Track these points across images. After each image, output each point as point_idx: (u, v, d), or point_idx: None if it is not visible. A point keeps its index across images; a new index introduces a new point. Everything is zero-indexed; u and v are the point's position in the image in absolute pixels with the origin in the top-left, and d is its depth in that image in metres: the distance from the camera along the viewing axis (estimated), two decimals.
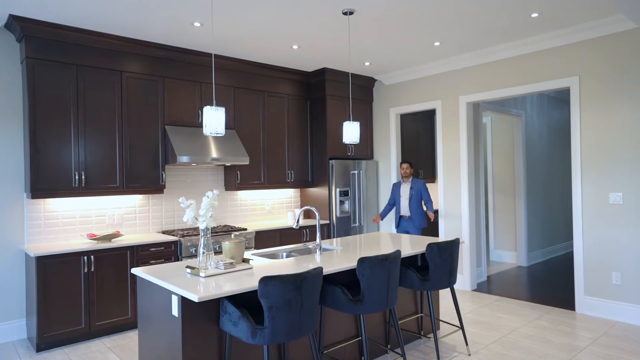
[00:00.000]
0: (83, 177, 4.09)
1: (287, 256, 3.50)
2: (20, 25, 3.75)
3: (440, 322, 4.09)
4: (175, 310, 2.42)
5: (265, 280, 2.24)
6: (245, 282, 2.46)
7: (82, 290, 3.84)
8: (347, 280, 3.20)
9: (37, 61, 3.87)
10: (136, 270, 2.81)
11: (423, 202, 5.31)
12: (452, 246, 3.32)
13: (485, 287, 5.46)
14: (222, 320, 2.46)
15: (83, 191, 4.09)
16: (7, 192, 3.98)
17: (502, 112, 6.30)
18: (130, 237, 4.39)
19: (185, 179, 5.06)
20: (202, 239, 2.71)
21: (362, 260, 2.72)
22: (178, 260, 4.37)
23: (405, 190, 5.37)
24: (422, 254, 3.77)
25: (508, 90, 4.92)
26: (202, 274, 2.58)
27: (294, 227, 3.37)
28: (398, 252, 2.90)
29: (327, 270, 2.76)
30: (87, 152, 4.13)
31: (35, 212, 4.08)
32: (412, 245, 3.60)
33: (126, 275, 4.09)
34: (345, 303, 2.76)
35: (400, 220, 5.41)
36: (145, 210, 4.74)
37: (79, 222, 4.32)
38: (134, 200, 4.67)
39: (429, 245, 3.24)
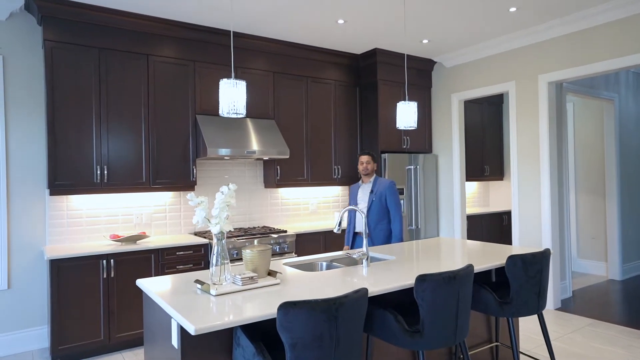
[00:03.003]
0: (105, 172, 3.70)
1: (328, 267, 2.88)
2: (37, 5, 3.42)
3: (521, 354, 3.27)
4: (174, 340, 1.87)
5: (286, 308, 1.63)
6: (267, 305, 1.86)
7: (101, 298, 3.44)
8: (401, 300, 2.51)
9: (56, 44, 3.53)
10: (141, 282, 2.31)
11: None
12: (542, 260, 2.52)
13: (572, 305, 4.51)
14: (235, 355, 1.88)
15: (105, 187, 3.71)
16: (28, 188, 3.68)
17: (590, 95, 5.27)
18: (156, 239, 3.96)
19: (220, 175, 4.58)
20: (216, 247, 2.15)
21: (422, 279, 2.03)
22: (208, 266, 3.88)
23: (363, 196, 3.70)
24: (499, 267, 2.98)
25: (605, 63, 3.97)
26: (213, 292, 2.01)
27: (334, 231, 2.74)
28: (470, 268, 2.18)
29: (375, 290, 2.10)
30: (110, 145, 3.74)
31: (57, 210, 3.75)
32: (483, 255, 2.84)
33: None
34: (399, 334, 2.08)
35: (355, 239, 3.72)
36: (176, 209, 4.31)
37: (104, 221, 3.96)
38: (164, 198, 4.25)
39: (512, 259, 2.47)
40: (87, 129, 3.65)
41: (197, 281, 2.13)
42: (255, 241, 2.34)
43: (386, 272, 2.45)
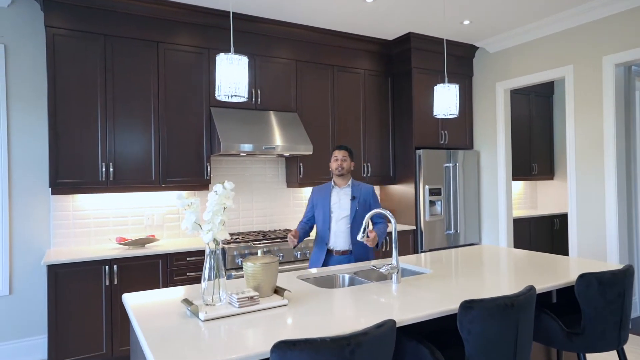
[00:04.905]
0: (112, 169, 3.41)
1: (350, 282, 2.43)
2: None
3: None
4: None
5: (282, 349, 1.20)
6: (265, 336, 1.44)
7: (104, 307, 3.14)
8: (438, 326, 2.03)
9: (59, 31, 3.26)
10: (126, 298, 1.95)
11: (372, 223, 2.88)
12: (624, 280, 1.98)
13: None
14: None
15: (112, 186, 3.41)
16: (32, 187, 3.44)
17: None
18: (166, 243, 3.64)
19: (239, 173, 4.21)
20: (208, 259, 1.75)
21: (468, 307, 1.55)
22: None
23: (341, 202, 2.88)
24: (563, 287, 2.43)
25: None
26: (201, 316, 1.62)
27: (358, 238, 2.29)
28: (532, 292, 1.68)
29: (405, 319, 1.63)
30: (117, 140, 3.44)
31: (62, 211, 3.49)
32: (540, 269, 2.30)
33: None
34: None
35: (328, 258, 2.84)
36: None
37: (112, 223, 3.67)
38: None
39: (585, 278, 1.94)
40: (91, 122, 3.36)
41: (185, 301, 1.74)
42: (259, 252, 1.93)
43: (420, 291, 1.98)
